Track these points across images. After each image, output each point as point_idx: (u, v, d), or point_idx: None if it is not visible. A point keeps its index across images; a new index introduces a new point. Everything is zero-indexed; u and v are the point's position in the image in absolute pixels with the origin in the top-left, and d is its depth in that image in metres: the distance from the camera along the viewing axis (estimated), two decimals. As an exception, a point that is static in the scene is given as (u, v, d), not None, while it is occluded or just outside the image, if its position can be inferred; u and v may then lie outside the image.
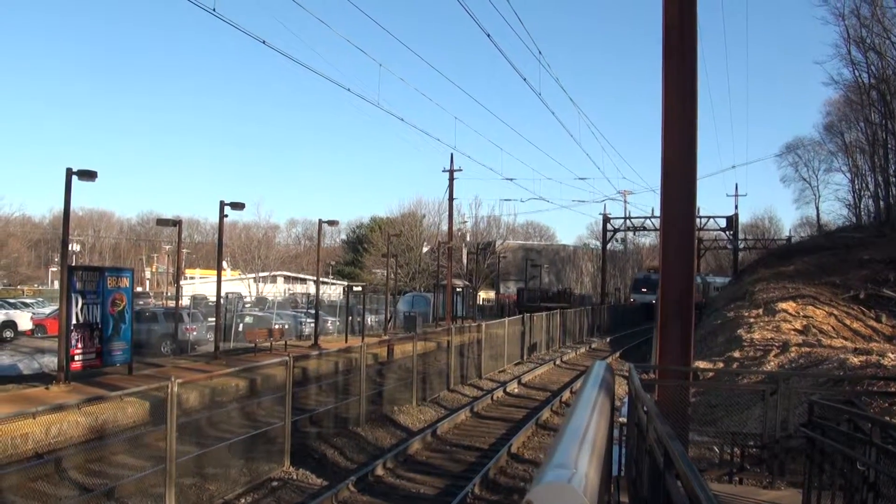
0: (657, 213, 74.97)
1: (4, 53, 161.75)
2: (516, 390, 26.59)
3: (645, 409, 8.21)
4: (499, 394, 25.17)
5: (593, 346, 45.02)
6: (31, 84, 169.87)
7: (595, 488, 2.79)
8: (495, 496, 14.20)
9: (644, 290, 77.95)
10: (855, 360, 20.62)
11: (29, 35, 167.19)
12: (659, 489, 6.13)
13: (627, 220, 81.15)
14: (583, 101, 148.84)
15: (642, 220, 79.13)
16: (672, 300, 13.58)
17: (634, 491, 9.22)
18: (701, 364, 24.19)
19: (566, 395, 25.07)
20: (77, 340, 22.72)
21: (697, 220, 64.82)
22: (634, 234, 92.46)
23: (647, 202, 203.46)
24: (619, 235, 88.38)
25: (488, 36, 22.89)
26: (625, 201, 79.02)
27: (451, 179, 55.33)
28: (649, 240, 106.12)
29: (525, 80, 27.36)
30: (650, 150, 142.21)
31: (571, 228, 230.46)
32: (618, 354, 39.99)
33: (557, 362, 34.96)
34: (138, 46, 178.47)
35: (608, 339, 49.34)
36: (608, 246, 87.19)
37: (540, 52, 31.42)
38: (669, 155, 13.37)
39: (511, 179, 55.46)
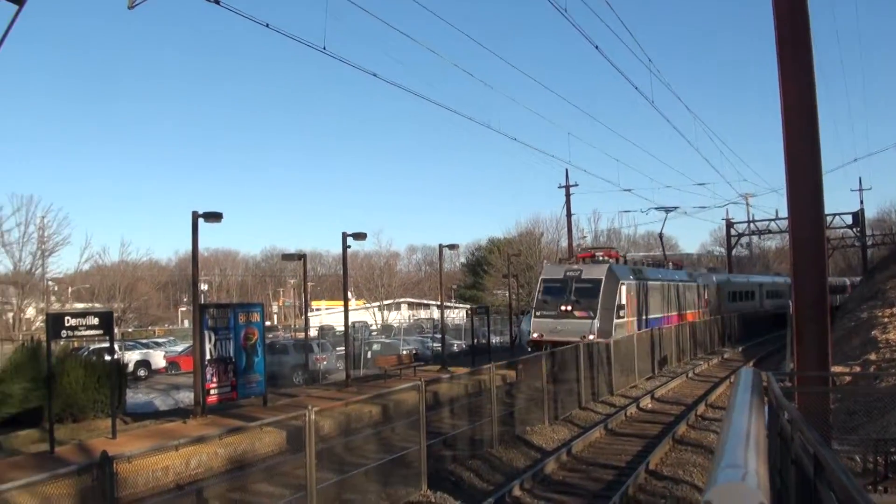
0: (781, 214, 70.88)
1: (125, 102, 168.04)
2: (650, 405, 26.10)
3: (788, 417, 7.92)
4: (632, 410, 24.74)
5: (725, 356, 43.90)
6: (153, 134, 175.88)
7: (766, 484, 2.81)
8: (636, 515, 13.93)
9: (566, 307, 36.30)
10: None
11: (149, 84, 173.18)
12: (809, 501, 5.88)
13: (751, 224, 78.39)
14: (696, 105, 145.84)
15: (766, 222, 76.06)
16: (806, 305, 13.17)
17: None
18: (837, 369, 23.40)
19: (701, 408, 24.50)
20: (212, 375, 23.28)
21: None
22: (759, 238, 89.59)
23: (771, 203, 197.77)
24: (744, 240, 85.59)
25: (596, 48, 22.69)
26: (747, 204, 76.29)
27: (568, 195, 55.02)
28: (775, 242, 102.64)
29: (636, 88, 27.03)
30: (769, 149, 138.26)
31: (695, 236, 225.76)
32: (751, 364, 38.98)
33: (690, 375, 34.25)
34: (252, 86, 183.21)
35: (740, 349, 47.96)
36: (733, 252, 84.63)
37: (650, 60, 31.11)
38: (792, 153, 13.00)
39: (629, 190, 54.77)
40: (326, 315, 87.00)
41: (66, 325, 19.85)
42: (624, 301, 36.92)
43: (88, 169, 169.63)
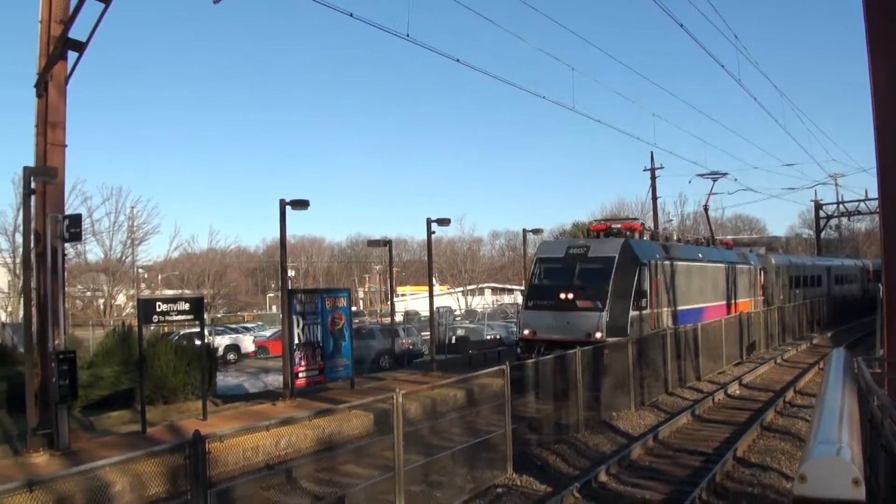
0: (871, 194, 69.27)
1: (212, 93, 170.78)
2: (738, 392, 25.74)
3: (878, 403, 7.77)
4: (719, 396, 24.44)
5: (814, 341, 42.96)
6: (240, 123, 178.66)
7: (860, 459, 2.81)
8: (723, 502, 13.76)
9: (566, 295, 28.45)
10: None
11: (235, 74, 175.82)
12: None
13: (840, 206, 76.30)
14: (783, 82, 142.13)
15: (855, 203, 73.63)
16: (897, 288, 12.87)
17: (868, 491, 8.66)
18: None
19: (790, 395, 24.10)
20: (300, 358, 23.67)
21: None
22: (849, 220, 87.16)
23: (860, 183, 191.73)
24: (833, 222, 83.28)
25: (681, 26, 22.49)
26: (836, 185, 74.09)
27: (653, 178, 54.27)
28: (864, 224, 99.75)
29: (723, 66, 26.77)
30: (859, 127, 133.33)
31: (783, 218, 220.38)
32: (841, 349, 38.04)
33: (778, 360, 33.66)
34: (337, 74, 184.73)
35: (829, 334, 46.77)
36: (822, 234, 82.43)
37: (736, 37, 30.66)
38: (882, 130, 12.67)
39: (716, 172, 53.32)
40: (411, 300, 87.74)
41: (158, 310, 20.33)
42: (646, 287, 29.08)
43: (177, 160, 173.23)
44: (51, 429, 16.77)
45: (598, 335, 26.32)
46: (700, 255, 36.09)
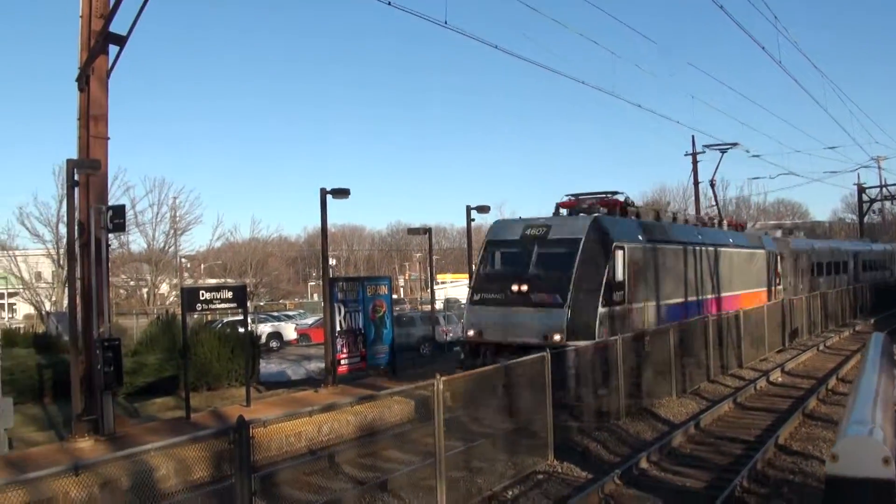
0: None
1: (253, 85, 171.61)
2: (780, 379, 25.54)
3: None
4: (762, 383, 24.24)
5: (857, 328, 42.33)
6: (281, 114, 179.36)
7: (892, 440, 2.85)
8: (764, 489, 13.69)
9: (520, 287, 22.16)
10: None
11: (275, 66, 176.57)
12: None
13: (883, 189, 74.93)
14: (824, 62, 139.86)
15: None
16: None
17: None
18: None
19: (832, 382, 23.87)
20: (342, 346, 23.84)
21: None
22: (892, 204, 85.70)
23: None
24: (877, 206, 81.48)
25: (721, 8, 22.34)
26: (879, 168, 72.92)
27: (695, 163, 53.33)
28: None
29: (763, 48, 26.46)
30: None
31: (826, 202, 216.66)
32: (881, 334, 37.40)
33: (821, 348, 33.29)
34: (375, 64, 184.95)
35: (872, 321, 45.87)
36: (865, 218, 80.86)
37: (776, 18, 30.32)
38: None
39: (757, 156, 51.58)
40: (451, 288, 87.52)
41: (201, 298, 20.54)
42: (621, 276, 23.15)
43: (219, 150, 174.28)
44: (95, 415, 17.03)
45: (557, 337, 21.34)
46: (699, 238, 30.25)
